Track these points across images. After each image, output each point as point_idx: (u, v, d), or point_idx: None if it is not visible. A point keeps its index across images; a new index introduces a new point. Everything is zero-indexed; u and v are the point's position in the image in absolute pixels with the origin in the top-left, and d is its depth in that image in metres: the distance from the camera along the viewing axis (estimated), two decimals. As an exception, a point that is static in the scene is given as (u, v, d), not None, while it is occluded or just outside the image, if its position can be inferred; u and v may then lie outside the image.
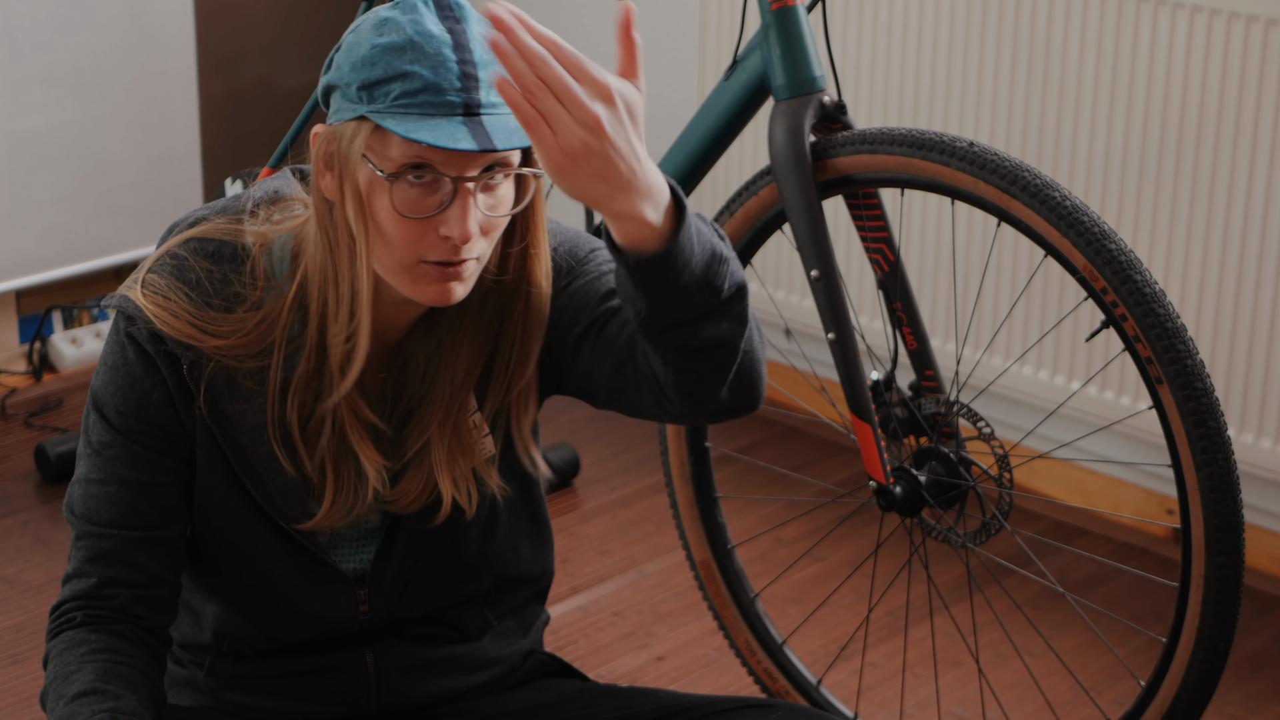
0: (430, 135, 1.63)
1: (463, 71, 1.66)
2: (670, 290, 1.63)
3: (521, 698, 2.00)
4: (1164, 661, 2.17)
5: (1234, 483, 2.07)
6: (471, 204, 1.68)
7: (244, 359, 1.79)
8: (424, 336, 1.83)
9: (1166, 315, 2.07)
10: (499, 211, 1.71)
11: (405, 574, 1.89)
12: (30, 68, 3.50)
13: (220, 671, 1.94)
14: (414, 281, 1.71)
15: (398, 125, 1.64)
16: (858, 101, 3.38)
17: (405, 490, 1.84)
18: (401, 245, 1.69)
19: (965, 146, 2.18)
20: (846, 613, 3.00)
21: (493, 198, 1.70)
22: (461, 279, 1.71)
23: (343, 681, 1.93)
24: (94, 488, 1.81)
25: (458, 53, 1.67)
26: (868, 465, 2.29)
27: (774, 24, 2.34)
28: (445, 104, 1.65)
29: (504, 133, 1.66)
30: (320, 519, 1.83)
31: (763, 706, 1.93)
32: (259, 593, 1.88)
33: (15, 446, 3.48)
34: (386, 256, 1.71)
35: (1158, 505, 3.26)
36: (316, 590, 1.88)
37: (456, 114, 1.65)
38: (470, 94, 1.66)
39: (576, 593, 3.08)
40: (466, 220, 1.67)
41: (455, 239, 1.68)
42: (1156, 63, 3.00)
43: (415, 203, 1.68)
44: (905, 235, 3.34)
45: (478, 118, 1.66)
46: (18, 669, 2.83)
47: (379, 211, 1.69)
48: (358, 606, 1.89)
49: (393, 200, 1.68)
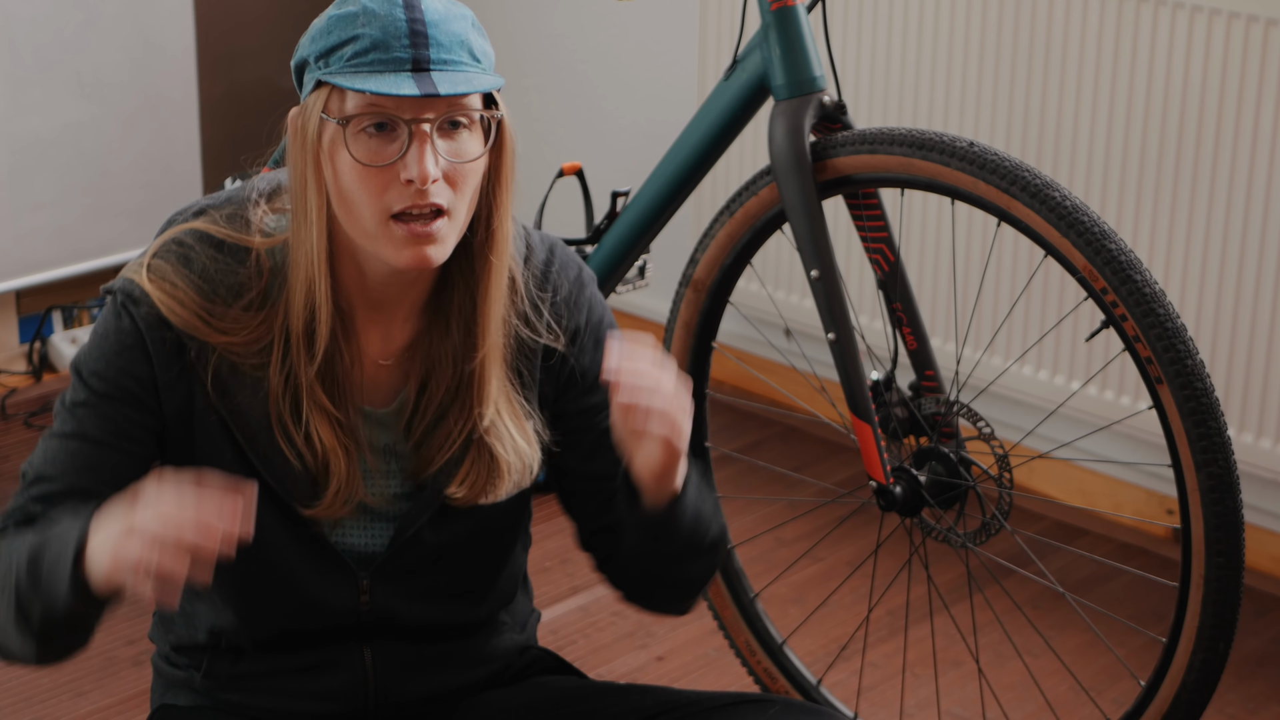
0: (375, 85, 1.68)
1: (411, 29, 1.71)
2: (665, 525, 1.86)
3: (519, 695, 2.00)
4: (1164, 661, 2.17)
5: (1234, 483, 2.07)
6: (429, 147, 1.71)
7: (246, 355, 1.80)
8: (419, 316, 1.85)
9: (1166, 315, 2.07)
10: (462, 158, 1.73)
11: (411, 565, 1.90)
12: (30, 68, 3.50)
13: (217, 672, 1.94)
14: (389, 244, 1.74)
15: (347, 81, 1.70)
16: (858, 101, 3.38)
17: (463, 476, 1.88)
18: (368, 198, 1.72)
19: (965, 146, 2.18)
20: (846, 613, 3.00)
21: (454, 143, 1.74)
22: (435, 240, 1.74)
23: (340, 679, 1.93)
24: (56, 441, 1.81)
25: (408, 12, 1.72)
26: (868, 465, 2.29)
27: (774, 24, 2.34)
28: (393, 60, 1.70)
29: (450, 82, 1.70)
30: (322, 508, 1.84)
31: (760, 701, 1.94)
32: (260, 579, 1.87)
33: (15, 446, 3.48)
34: (358, 218, 1.74)
35: (1158, 505, 3.26)
36: (318, 576, 1.87)
37: (405, 69, 1.70)
38: (419, 50, 1.71)
39: (576, 593, 3.08)
40: (424, 160, 1.71)
41: (415, 180, 1.71)
42: (1156, 63, 3.00)
43: (374, 151, 1.72)
44: (905, 235, 3.34)
45: (426, 72, 1.71)
46: (18, 669, 2.83)
47: (344, 171, 1.73)
48: (358, 596, 1.89)
49: (352, 152, 1.72)
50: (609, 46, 3.77)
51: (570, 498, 1.97)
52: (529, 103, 3.91)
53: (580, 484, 1.95)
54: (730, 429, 3.60)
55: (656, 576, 1.93)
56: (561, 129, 3.90)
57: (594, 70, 3.82)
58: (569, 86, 3.87)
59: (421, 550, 1.89)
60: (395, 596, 1.90)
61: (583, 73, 3.83)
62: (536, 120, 3.90)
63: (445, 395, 1.85)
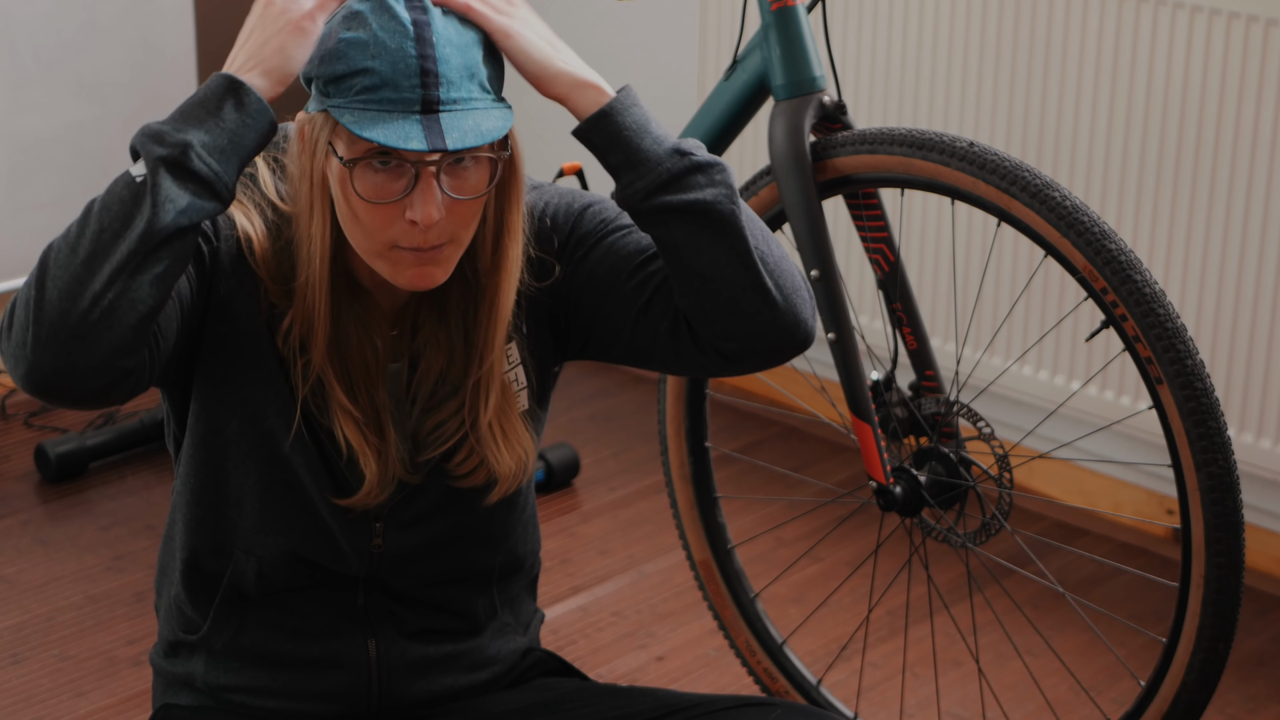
0: (381, 134, 1.68)
1: (422, 68, 1.70)
2: (635, 145, 1.80)
3: (521, 697, 2.00)
4: (1164, 661, 2.17)
5: (1234, 483, 2.07)
6: (435, 187, 1.72)
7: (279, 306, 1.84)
8: (423, 311, 1.87)
9: (1166, 315, 2.06)
10: (465, 195, 1.74)
11: (422, 511, 1.91)
12: (30, 68, 3.50)
13: (216, 644, 1.93)
14: (391, 265, 1.76)
15: (353, 122, 1.70)
16: (858, 101, 3.38)
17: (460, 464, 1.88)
18: (372, 230, 1.74)
19: (965, 146, 2.18)
20: (846, 613, 3.00)
21: (459, 180, 1.74)
22: (438, 263, 1.76)
23: (342, 679, 1.93)
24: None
25: (419, 47, 1.70)
26: (868, 465, 2.29)
27: (774, 24, 2.34)
28: (402, 101, 1.70)
29: (459, 131, 1.70)
30: (360, 497, 1.86)
31: (762, 705, 1.94)
32: (282, 492, 1.88)
33: (15, 446, 3.48)
34: (361, 240, 1.76)
35: (1158, 505, 3.25)
36: (336, 511, 1.88)
37: (413, 111, 1.70)
38: (429, 90, 1.70)
39: (576, 593, 3.08)
40: (430, 204, 1.72)
41: (419, 222, 1.72)
42: (1156, 63, 3.00)
43: (379, 188, 1.72)
44: (905, 235, 3.34)
45: (435, 115, 1.70)
46: (18, 669, 2.83)
47: (350, 198, 1.74)
48: (371, 539, 1.90)
49: (357, 189, 1.72)
50: (609, 46, 3.77)
51: (620, 328, 1.89)
52: (529, 102, 3.90)
53: (617, 310, 1.88)
54: (730, 429, 3.60)
55: (699, 270, 1.79)
56: (561, 129, 3.89)
57: (594, 70, 3.81)
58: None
59: (431, 498, 1.90)
60: (407, 542, 1.91)
61: None
62: (536, 120, 3.89)
63: (438, 383, 1.86)
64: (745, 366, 1.84)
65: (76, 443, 3.37)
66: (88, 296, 1.66)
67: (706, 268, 1.79)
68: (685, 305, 1.81)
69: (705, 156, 1.80)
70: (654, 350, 1.87)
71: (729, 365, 1.84)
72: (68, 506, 3.30)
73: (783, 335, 1.81)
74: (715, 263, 1.78)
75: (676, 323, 1.84)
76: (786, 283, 1.81)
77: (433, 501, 1.91)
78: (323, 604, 1.93)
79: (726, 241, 1.78)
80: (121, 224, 1.67)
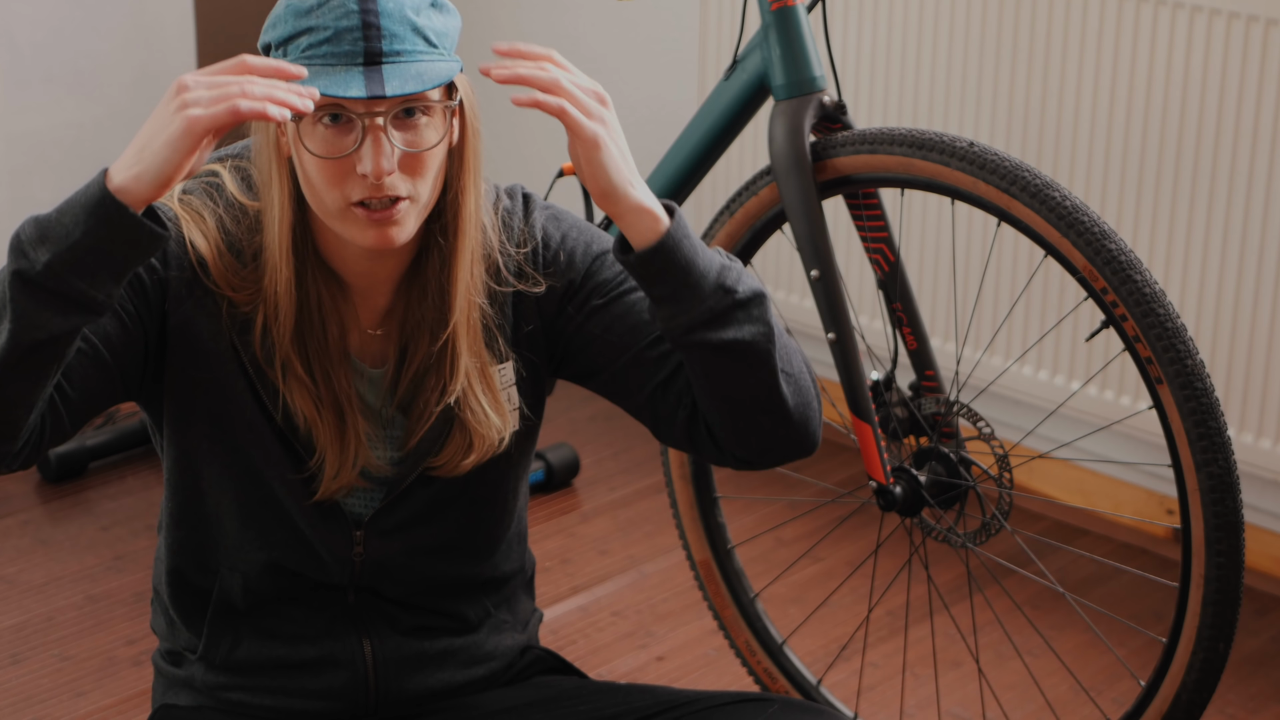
0: (322, 85, 1.69)
1: (364, 21, 1.71)
2: (682, 282, 1.77)
3: (519, 694, 2.00)
4: (1164, 661, 2.17)
5: (1234, 483, 2.07)
6: (384, 140, 1.72)
7: (239, 307, 1.83)
8: (399, 286, 1.87)
9: (1166, 315, 2.07)
10: (418, 148, 1.75)
11: (402, 521, 1.91)
12: (30, 68, 3.50)
13: (215, 657, 1.94)
14: (351, 226, 1.76)
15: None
16: (858, 101, 3.38)
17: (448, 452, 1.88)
18: (326, 187, 1.74)
19: (965, 146, 2.18)
20: (846, 613, 3.00)
21: (411, 134, 1.75)
22: (396, 222, 1.76)
23: (340, 677, 1.94)
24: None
25: (361, 2, 1.72)
26: (868, 465, 2.29)
27: (774, 24, 2.34)
28: (344, 54, 1.71)
29: (399, 79, 1.71)
30: (322, 486, 1.86)
31: (759, 700, 1.95)
32: (261, 508, 1.88)
33: (15, 446, 3.48)
34: (319, 203, 1.77)
35: (1158, 505, 3.25)
36: (317, 519, 1.89)
37: (356, 63, 1.71)
38: (371, 43, 1.71)
39: (576, 593, 3.08)
40: (379, 156, 1.72)
41: (369, 174, 1.72)
42: (1156, 63, 3.00)
43: (329, 143, 1.73)
44: (905, 235, 3.34)
45: (378, 66, 1.71)
46: (18, 669, 2.83)
47: (305, 161, 1.75)
48: (352, 547, 1.90)
49: (308, 145, 1.73)
50: (609, 46, 3.77)
51: (633, 390, 1.92)
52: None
53: (633, 372, 1.90)
54: (730, 429, 3.60)
55: (728, 394, 1.83)
56: (561, 129, 3.90)
57: (593, 70, 3.82)
58: (569, 86, 3.86)
59: (412, 508, 1.91)
60: (388, 550, 1.92)
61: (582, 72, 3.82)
62: (536, 120, 3.89)
63: (422, 365, 1.87)
64: (752, 468, 1.91)
65: (76, 443, 3.37)
66: None
67: (734, 392, 1.83)
68: (705, 413, 1.86)
69: (747, 290, 1.81)
70: (670, 426, 1.90)
71: (740, 465, 1.90)
72: (68, 506, 3.30)
73: (792, 447, 1.88)
74: (742, 388, 1.82)
75: (695, 413, 1.88)
76: (802, 399, 1.86)
77: (414, 511, 1.91)
78: (314, 608, 1.94)
79: (757, 375, 1.82)
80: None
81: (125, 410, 3.54)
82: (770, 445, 1.87)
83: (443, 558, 1.94)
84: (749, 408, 1.83)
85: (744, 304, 1.80)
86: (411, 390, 1.88)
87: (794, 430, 1.86)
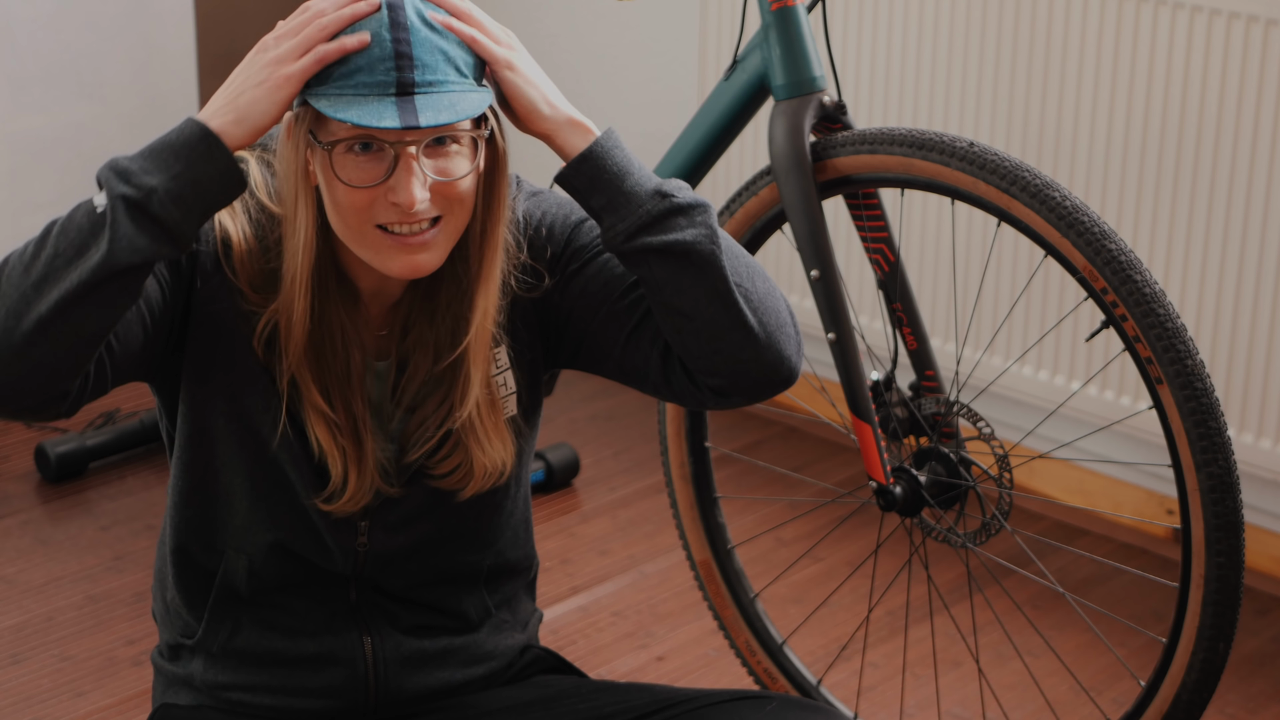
0: (356, 115, 1.69)
1: (396, 51, 1.71)
2: (617, 189, 1.80)
3: (519, 693, 2.00)
4: (1164, 661, 2.17)
5: (1234, 483, 2.07)
6: (416, 169, 1.73)
7: (254, 308, 1.85)
8: (410, 299, 1.88)
9: (1166, 315, 2.06)
10: (449, 177, 1.75)
11: (405, 515, 1.91)
12: (30, 68, 3.50)
13: (213, 645, 1.93)
14: (377, 252, 1.77)
15: (329, 107, 1.71)
16: (858, 101, 3.38)
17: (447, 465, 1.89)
18: (353, 212, 1.75)
19: (965, 146, 2.18)
20: (846, 613, 3.00)
21: (443, 162, 1.75)
22: (427, 249, 1.76)
23: (340, 675, 1.94)
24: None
25: (394, 32, 1.72)
26: (868, 465, 2.29)
27: (774, 24, 2.34)
28: (377, 84, 1.71)
29: (433, 110, 1.71)
30: (340, 505, 1.87)
31: (758, 698, 1.95)
32: (276, 488, 1.89)
33: (15, 446, 3.48)
34: (345, 229, 1.77)
35: (1158, 505, 3.26)
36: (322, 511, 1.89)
37: (389, 93, 1.71)
38: (404, 73, 1.71)
39: (576, 593, 3.08)
40: (410, 185, 1.73)
41: (402, 203, 1.73)
42: (1156, 63, 3.00)
43: (361, 171, 1.74)
44: (905, 235, 3.34)
45: (410, 96, 1.71)
46: (18, 669, 2.83)
47: (333, 185, 1.75)
48: (356, 537, 1.90)
49: (339, 174, 1.74)
50: (608, 47, 3.77)
51: (611, 345, 1.92)
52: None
53: (610, 326, 1.90)
54: (730, 429, 3.60)
55: (687, 311, 1.81)
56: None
57: (593, 70, 3.82)
58: (568, 86, 3.85)
59: (416, 500, 1.91)
60: (392, 542, 1.92)
61: (582, 73, 3.83)
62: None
63: (423, 382, 1.87)
64: (734, 401, 1.87)
65: (76, 443, 3.37)
66: (32, 318, 1.67)
67: (688, 306, 1.81)
68: (671, 341, 1.84)
69: (687, 198, 1.81)
70: (646, 373, 1.89)
71: (719, 400, 1.87)
72: (68, 506, 3.30)
73: (766, 371, 1.84)
74: (696, 302, 1.80)
75: (669, 351, 1.86)
76: (770, 320, 1.83)
77: (418, 504, 1.91)
78: (315, 601, 1.94)
79: (707, 281, 1.80)
80: (76, 252, 1.68)
81: (125, 410, 3.54)
82: (741, 368, 1.83)
83: (447, 546, 1.95)
84: (709, 324, 1.81)
85: (684, 209, 1.80)
86: (415, 399, 1.88)
87: (763, 351, 1.83)
